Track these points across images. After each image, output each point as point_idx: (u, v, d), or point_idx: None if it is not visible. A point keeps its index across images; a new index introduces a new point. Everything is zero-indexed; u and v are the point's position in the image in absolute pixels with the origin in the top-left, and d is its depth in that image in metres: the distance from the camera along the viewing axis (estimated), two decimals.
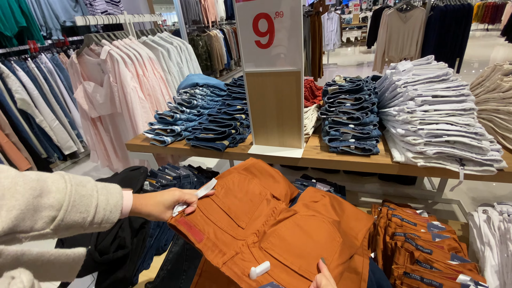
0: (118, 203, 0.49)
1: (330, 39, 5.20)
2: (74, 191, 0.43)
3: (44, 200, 0.38)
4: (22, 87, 2.41)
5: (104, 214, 0.46)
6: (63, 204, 0.40)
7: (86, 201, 0.44)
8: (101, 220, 0.46)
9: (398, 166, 0.83)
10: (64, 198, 0.41)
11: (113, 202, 0.48)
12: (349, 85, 1.12)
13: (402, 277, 0.55)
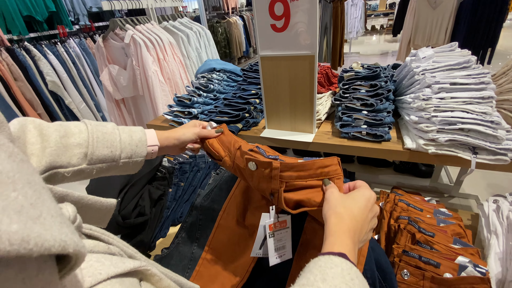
0: (142, 138, 0.53)
1: (353, 26, 5.01)
2: (96, 129, 0.48)
3: (71, 140, 0.44)
4: (53, 70, 2.56)
5: (131, 149, 0.51)
6: (89, 141, 0.46)
7: (109, 137, 0.48)
8: (131, 154, 0.51)
9: (408, 153, 0.83)
10: (88, 136, 0.46)
11: (137, 138, 0.53)
12: (366, 71, 1.11)
13: (401, 255, 0.57)
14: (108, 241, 0.34)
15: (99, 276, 0.25)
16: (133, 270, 0.30)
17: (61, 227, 0.16)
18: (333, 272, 0.30)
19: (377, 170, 1.70)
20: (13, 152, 0.17)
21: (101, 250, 0.31)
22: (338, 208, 0.41)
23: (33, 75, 2.45)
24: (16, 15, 2.43)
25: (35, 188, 0.17)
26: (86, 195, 0.40)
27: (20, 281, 0.14)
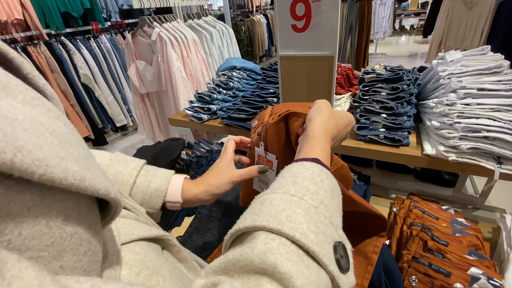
0: (160, 188, 0.44)
1: (380, 26, 4.85)
2: (112, 166, 0.43)
3: None
4: (85, 63, 2.72)
5: (142, 197, 0.43)
6: None
7: (121, 178, 0.42)
8: (141, 201, 0.43)
9: (427, 159, 0.81)
10: None
11: (154, 186, 0.43)
12: (388, 74, 1.09)
13: (411, 261, 0.57)
14: (137, 213, 0.38)
15: (131, 236, 0.30)
16: (157, 238, 0.34)
17: (105, 179, 0.20)
18: (304, 175, 0.30)
19: (396, 176, 1.65)
20: (67, 122, 0.22)
21: (132, 218, 0.35)
22: (323, 109, 0.41)
23: (68, 68, 2.62)
24: (54, 11, 2.60)
25: (85, 149, 0.21)
26: None
27: (76, 212, 0.17)
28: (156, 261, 0.30)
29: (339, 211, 0.30)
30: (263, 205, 0.27)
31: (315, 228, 0.25)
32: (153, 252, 0.31)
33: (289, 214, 0.25)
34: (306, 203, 0.27)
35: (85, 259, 0.17)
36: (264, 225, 0.24)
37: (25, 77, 0.27)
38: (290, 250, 0.22)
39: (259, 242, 0.23)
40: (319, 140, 0.37)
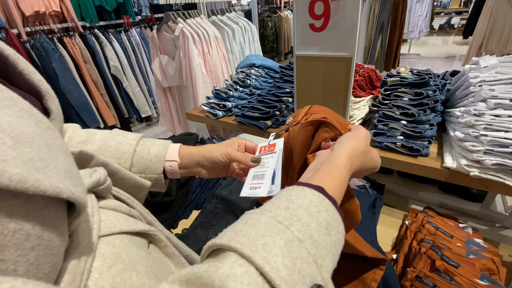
0: (160, 153, 0.47)
1: (416, 25, 4.57)
2: (113, 139, 0.46)
3: (87, 146, 0.45)
4: (116, 55, 2.85)
5: (143, 163, 0.46)
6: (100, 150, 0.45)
7: (121, 147, 0.45)
8: (143, 169, 0.47)
9: (447, 173, 0.75)
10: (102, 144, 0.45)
11: (154, 152, 0.47)
12: (413, 78, 1.02)
13: (414, 280, 0.53)
14: (132, 205, 0.39)
15: (113, 229, 0.30)
16: (143, 232, 0.35)
17: (63, 178, 0.20)
18: (300, 202, 0.28)
19: (418, 185, 1.56)
20: (41, 120, 0.22)
21: (124, 210, 0.36)
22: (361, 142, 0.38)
23: (100, 59, 2.77)
24: (90, 5, 2.75)
25: (51, 148, 0.21)
26: (123, 170, 0.44)
27: (24, 210, 0.18)
28: (134, 256, 0.30)
29: (332, 250, 0.27)
30: (245, 225, 0.25)
31: (291, 264, 0.22)
32: (133, 247, 0.32)
33: (266, 242, 0.23)
34: (291, 234, 0.24)
35: (32, 253, 0.18)
36: (237, 248, 0.22)
37: (21, 73, 0.29)
38: (254, 281, 0.21)
39: (226, 264, 0.22)
40: (340, 172, 0.34)
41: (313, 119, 0.45)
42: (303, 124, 0.47)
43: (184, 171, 0.51)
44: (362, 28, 3.69)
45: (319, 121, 0.45)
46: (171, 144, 0.50)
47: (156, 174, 0.47)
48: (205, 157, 0.49)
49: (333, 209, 0.29)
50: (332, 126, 0.43)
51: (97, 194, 0.35)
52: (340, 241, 0.28)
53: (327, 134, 0.43)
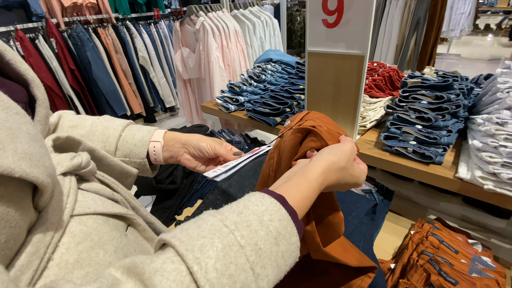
0: (144, 138, 0.49)
1: (457, 23, 4.22)
2: (100, 124, 0.47)
3: (77, 131, 0.47)
4: (145, 47, 2.97)
5: (127, 148, 0.48)
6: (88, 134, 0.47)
7: (108, 132, 0.47)
8: (127, 153, 0.48)
9: (459, 184, 0.70)
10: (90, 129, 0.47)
11: (139, 137, 0.49)
12: (436, 80, 0.96)
13: None
14: (116, 189, 0.41)
15: (87, 209, 0.32)
16: (121, 215, 0.37)
17: (19, 160, 0.22)
18: (254, 209, 0.28)
19: (439, 195, 1.46)
20: (10, 107, 0.24)
21: (106, 194, 0.38)
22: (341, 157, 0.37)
23: (129, 50, 2.90)
24: None
25: (14, 132, 0.23)
26: (110, 156, 0.46)
27: None
28: (105, 236, 0.32)
29: (278, 260, 0.26)
30: (193, 224, 0.26)
31: (223, 268, 0.23)
32: (107, 227, 0.33)
33: (204, 244, 0.23)
34: (233, 238, 0.25)
35: None
36: (175, 245, 0.23)
37: (8, 62, 0.31)
38: (180, 279, 0.21)
39: (161, 259, 0.23)
40: (310, 185, 0.33)
41: (302, 127, 0.44)
42: (293, 131, 0.46)
43: (167, 154, 0.52)
44: (394, 25, 3.49)
45: (307, 130, 0.44)
46: (157, 129, 0.52)
47: (139, 158, 0.48)
48: (192, 143, 0.50)
49: (288, 219, 0.28)
50: (319, 136, 0.42)
51: (81, 177, 0.37)
52: (291, 252, 0.28)
53: (313, 144, 0.42)
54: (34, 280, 0.25)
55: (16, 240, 0.24)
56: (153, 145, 0.50)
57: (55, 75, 2.51)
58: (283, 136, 0.51)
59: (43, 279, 0.26)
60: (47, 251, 0.26)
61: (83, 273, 0.28)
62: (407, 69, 3.63)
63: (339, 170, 0.36)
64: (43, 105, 0.34)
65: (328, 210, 0.44)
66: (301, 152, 0.43)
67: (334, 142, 0.42)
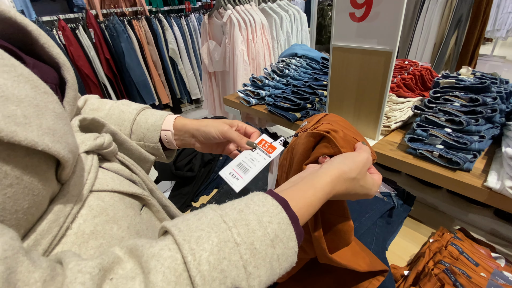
0: (156, 123, 0.50)
1: (503, 22, 3.86)
2: (117, 107, 0.50)
3: (97, 113, 0.50)
4: (175, 39, 3.06)
5: (141, 132, 0.50)
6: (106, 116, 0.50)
7: (123, 116, 0.50)
8: (142, 137, 0.50)
9: (487, 193, 0.65)
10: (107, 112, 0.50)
11: (151, 121, 0.50)
12: (472, 81, 0.89)
13: None
14: (135, 171, 0.44)
15: (106, 186, 0.34)
16: (137, 195, 0.39)
17: (43, 135, 0.24)
18: (255, 209, 0.28)
19: (469, 206, 1.37)
20: (39, 86, 0.26)
21: (125, 174, 0.41)
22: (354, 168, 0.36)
23: (160, 42, 3.00)
24: None
25: (40, 109, 0.25)
26: (130, 141, 0.49)
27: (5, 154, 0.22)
28: (120, 212, 0.34)
29: (273, 263, 0.26)
30: (194, 216, 0.27)
31: (216, 262, 0.23)
32: (122, 205, 0.36)
33: (201, 236, 0.24)
34: (230, 235, 0.25)
35: (10, 189, 0.22)
36: (174, 234, 0.24)
37: (42, 46, 0.34)
38: (174, 267, 0.22)
39: (159, 245, 0.24)
40: (316, 192, 0.33)
41: (315, 131, 0.44)
42: (307, 134, 0.45)
43: (179, 142, 0.53)
44: (434, 22, 3.27)
45: (321, 135, 0.43)
46: (169, 115, 0.53)
47: (152, 142, 0.50)
48: (200, 131, 0.51)
49: (288, 224, 0.28)
50: (332, 142, 0.41)
51: (103, 157, 0.40)
52: (287, 257, 0.28)
53: (326, 150, 0.41)
54: (52, 245, 0.27)
55: (38, 208, 0.26)
56: (164, 134, 0.51)
57: (92, 64, 2.67)
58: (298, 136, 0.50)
59: (61, 245, 0.28)
60: (66, 221, 0.29)
61: (97, 243, 0.30)
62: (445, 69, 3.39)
63: (349, 180, 0.36)
64: (72, 87, 0.37)
65: (337, 217, 0.44)
66: (313, 157, 0.43)
67: (349, 149, 0.41)
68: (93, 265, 0.21)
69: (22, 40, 0.33)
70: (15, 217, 0.23)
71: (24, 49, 0.33)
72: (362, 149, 0.40)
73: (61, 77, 0.37)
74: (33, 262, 0.19)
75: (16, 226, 0.24)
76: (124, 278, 0.22)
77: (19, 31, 0.32)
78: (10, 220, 0.23)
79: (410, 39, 3.40)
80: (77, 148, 0.32)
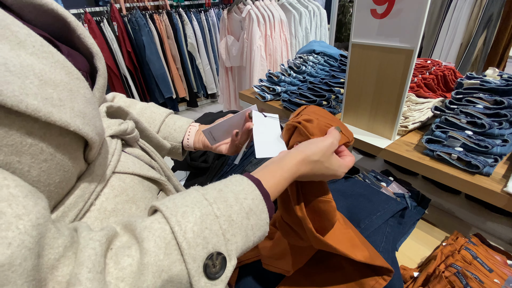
0: (183, 127, 0.59)
1: None
2: (148, 109, 0.58)
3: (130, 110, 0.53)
4: (194, 34, 3.10)
5: (168, 131, 0.58)
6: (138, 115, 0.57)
7: (154, 116, 0.58)
8: (167, 135, 0.58)
9: (507, 199, 0.63)
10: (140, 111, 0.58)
11: (179, 124, 0.59)
12: (498, 82, 0.85)
13: None
14: (154, 158, 0.46)
15: (127, 169, 0.37)
16: (155, 180, 0.42)
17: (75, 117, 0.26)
18: (233, 188, 0.32)
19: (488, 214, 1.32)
20: (72, 72, 0.28)
21: (145, 160, 0.43)
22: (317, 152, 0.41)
23: (180, 36, 3.05)
24: None
25: (73, 94, 0.27)
26: (150, 129, 0.52)
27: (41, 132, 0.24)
28: (138, 194, 0.37)
29: (248, 231, 0.31)
30: (179, 196, 0.31)
31: (199, 231, 0.27)
32: (141, 187, 0.38)
33: (186, 211, 0.28)
34: (211, 209, 0.29)
35: (45, 164, 0.24)
36: (162, 210, 0.28)
37: (79, 36, 0.36)
38: (163, 236, 0.26)
39: (150, 219, 0.27)
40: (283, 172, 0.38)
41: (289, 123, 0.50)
42: (285, 126, 0.51)
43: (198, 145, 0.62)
44: (461, 21, 3.12)
45: (295, 126, 0.48)
46: (193, 123, 0.62)
47: (176, 142, 0.59)
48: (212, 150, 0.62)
49: (261, 199, 0.33)
50: (302, 131, 0.46)
51: (126, 142, 0.42)
52: (260, 227, 0.32)
53: (300, 138, 0.47)
54: (78, 218, 0.30)
55: (68, 183, 0.29)
56: (189, 129, 0.61)
57: (114, 56, 2.76)
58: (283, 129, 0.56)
59: (85, 219, 0.31)
60: (91, 197, 0.31)
61: (117, 220, 0.33)
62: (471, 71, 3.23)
63: (313, 163, 0.40)
64: (102, 75, 0.39)
65: (320, 199, 0.48)
66: (290, 146, 0.49)
67: (321, 135, 0.46)
68: (101, 235, 0.25)
69: (60, 29, 0.35)
70: (47, 189, 0.26)
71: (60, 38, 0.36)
72: (329, 135, 0.45)
73: (92, 66, 0.39)
74: (58, 230, 0.22)
75: (48, 198, 0.26)
76: (122, 248, 0.25)
77: (58, 21, 0.34)
78: (43, 192, 0.25)
79: (435, 39, 3.27)
80: (104, 132, 0.34)
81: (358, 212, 0.71)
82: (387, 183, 0.88)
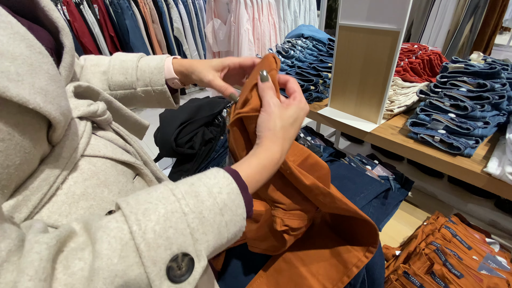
0: (158, 65, 0.50)
1: None
2: (116, 58, 0.51)
3: (99, 68, 0.51)
4: (180, 18, 2.99)
5: (147, 76, 0.50)
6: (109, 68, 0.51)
7: (125, 64, 0.50)
8: (148, 82, 0.50)
9: (486, 179, 0.64)
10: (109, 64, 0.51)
11: (153, 65, 0.51)
12: (481, 66, 0.86)
13: (401, 275, 0.50)
14: (129, 142, 0.44)
15: (97, 152, 0.35)
16: (129, 163, 0.39)
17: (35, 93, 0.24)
18: (206, 181, 0.29)
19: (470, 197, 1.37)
20: (34, 45, 0.26)
21: (119, 144, 0.41)
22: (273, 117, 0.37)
23: (165, 20, 2.94)
24: None
25: (34, 69, 0.25)
26: (125, 108, 0.49)
27: None
28: (111, 178, 0.35)
29: (221, 229, 0.28)
30: (145, 191, 0.28)
31: (162, 231, 0.24)
32: (114, 171, 0.36)
33: (148, 208, 0.25)
34: (178, 206, 0.26)
35: (2, 144, 0.22)
36: (123, 207, 0.25)
37: (42, 9, 0.33)
38: (120, 236, 0.23)
39: (108, 218, 0.25)
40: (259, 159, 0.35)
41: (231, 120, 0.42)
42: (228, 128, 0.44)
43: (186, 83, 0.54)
44: (449, 7, 3.13)
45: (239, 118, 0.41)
46: (167, 58, 0.53)
47: (159, 85, 0.51)
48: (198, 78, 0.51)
49: (237, 193, 0.30)
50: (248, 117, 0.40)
51: (98, 125, 0.40)
52: (235, 222, 0.29)
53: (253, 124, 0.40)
54: (42, 202, 0.28)
55: (29, 166, 0.27)
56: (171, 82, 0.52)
57: (97, 41, 2.64)
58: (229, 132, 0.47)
59: (51, 203, 0.29)
60: (57, 181, 0.29)
61: (87, 204, 0.31)
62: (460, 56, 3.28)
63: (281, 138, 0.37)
64: (69, 52, 0.36)
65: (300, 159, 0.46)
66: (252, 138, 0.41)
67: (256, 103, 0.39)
68: (51, 236, 0.22)
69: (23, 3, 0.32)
70: (6, 171, 0.24)
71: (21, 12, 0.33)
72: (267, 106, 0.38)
73: (58, 43, 0.36)
74: (3, 233, 0.20)
75: (8, 181, 0.24)
76: (75, 250, 0.23)
77: None
78: (1, 174, 0.23)
79: (424, 24, 3.28)
80: (70, 112, 0.32)
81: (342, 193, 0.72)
82: (372, 166, 0.89)
